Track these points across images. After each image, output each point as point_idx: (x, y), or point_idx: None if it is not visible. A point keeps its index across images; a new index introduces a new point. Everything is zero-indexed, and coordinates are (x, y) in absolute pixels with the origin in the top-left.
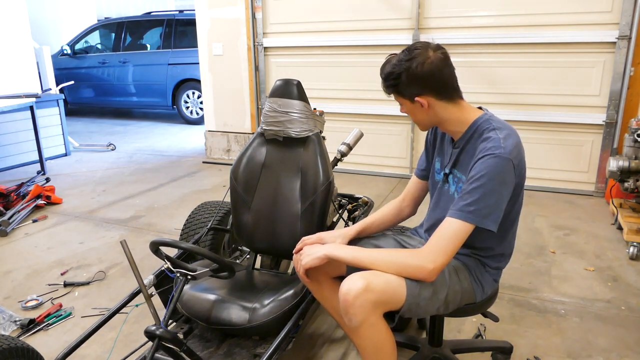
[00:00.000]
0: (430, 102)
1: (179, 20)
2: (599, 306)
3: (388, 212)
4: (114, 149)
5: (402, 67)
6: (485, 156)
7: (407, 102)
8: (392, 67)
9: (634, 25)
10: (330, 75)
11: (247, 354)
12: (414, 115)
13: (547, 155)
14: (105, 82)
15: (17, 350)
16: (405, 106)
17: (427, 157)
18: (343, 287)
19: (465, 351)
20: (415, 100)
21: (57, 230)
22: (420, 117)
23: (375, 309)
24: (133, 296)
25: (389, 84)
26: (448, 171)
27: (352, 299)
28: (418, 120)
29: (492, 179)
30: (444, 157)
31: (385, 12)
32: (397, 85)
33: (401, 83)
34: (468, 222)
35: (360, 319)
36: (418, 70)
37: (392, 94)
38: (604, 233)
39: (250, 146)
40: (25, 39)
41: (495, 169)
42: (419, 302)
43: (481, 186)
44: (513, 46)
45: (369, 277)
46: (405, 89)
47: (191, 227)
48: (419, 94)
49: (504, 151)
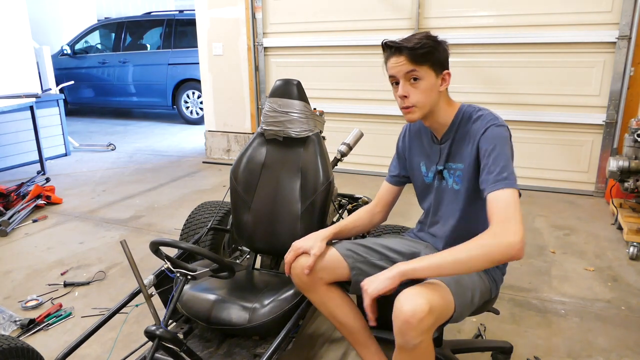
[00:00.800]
0: (448, 83)
1: (179, 20)
2: (599, 306)
3: (361, 217)
4: (114, 149)
5: (435, 40)
6: (489, 127)
7: (432, 75)
8: (424, 37)
9: (634, 25)
10: (330, 75)
11: (247, 354)
12: (429, 93)
13: (547, 155)
14: (105, 82)
15: (17, 350)
16: (427, 81)
17: (399, 164)
18: (404, 308)
19: (466, 351)
20: (440, 75)
21: (57, 230)
22: (432, 97)
23: (432, 329)
24: (133, 296)
25: (425, 50)
26: (442, 167)
27: (417, 323)
28: (426, 102)
29: (503, 144)
30: (429, 158)
31: (385, 12)
32: (432, 53)
33: (436, 53)
34: (512, 188)
35: (419, 341)
36: (447, 47)
37: (421, 64)
38: (604, 233)
39: (250, 146)
40: (25, 39)
41: (502, 136)
42: (463, 310)
43: (500, 154)
44: (513, 46)
45: (429, 296)
46: (438, 60)
47: (191, 227)
48: (447, 69)
49: (500, 121)
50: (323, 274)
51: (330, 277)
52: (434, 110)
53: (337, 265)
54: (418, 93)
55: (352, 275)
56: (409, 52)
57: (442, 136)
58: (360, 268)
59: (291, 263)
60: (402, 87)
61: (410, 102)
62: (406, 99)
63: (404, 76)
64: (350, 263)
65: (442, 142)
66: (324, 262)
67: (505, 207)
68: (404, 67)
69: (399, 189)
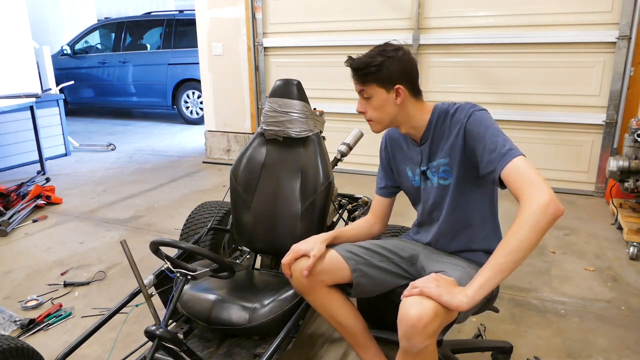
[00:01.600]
0: (405, 94)
1: (179, 20)
2: (599, 306)
3: (360, 226)
4: (114, 149)
5: (386, 55)
6: (472, 113)
7: (382, 92)
8: (371, 56)
9: (634, 25)
10: (330, 75)
11: (247, 354)
12: (382, 109)
13: (547, 155)
14: (105, 82)
15: (17, 350)
16: (377, 98)
17: (385, 175)
18: (410, 312)
19: (466, 351)
20: (392, 90)
21: (57, 230)
22: (387, 112)
23: (437, 333)
24: (133, 296)
25: (368, 71)
26: (425, 168)
27: (423, 327)
28: (382, 116)
29: (491, 124)
30: (412, 161)
31: (385, 12)
32: (377, 72)
33: (383, 70)
34: (520, 155)
35: (424, 345)
36: (403, 59)
37: (366, 83)
38: (604, 233)
39: (250, 146)
40: (25, 39)
41: (487, 117)
42: (467, 312)
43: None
44: (513, 46)
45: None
46: (386, 77)
47: (191, 227)
48: (398, 83)
49: (480, 107)
50: (324, 276)
51: (331, 279)
52: (401, 120)
53: (338, 268)
54: (371, 109)
55: (353, 277)
56: (354, 73)
57: (420, 138)
58: (361, 270)
59: (289, 264)
60: (359, 103)
61: (367, 117)
62: (364, 114)
63: (359, 93)
64: (351, 265)
65: (422, 144)
66: (324, 265)
67: (523, 175)
68: (356, 86)
69: (391, 199)
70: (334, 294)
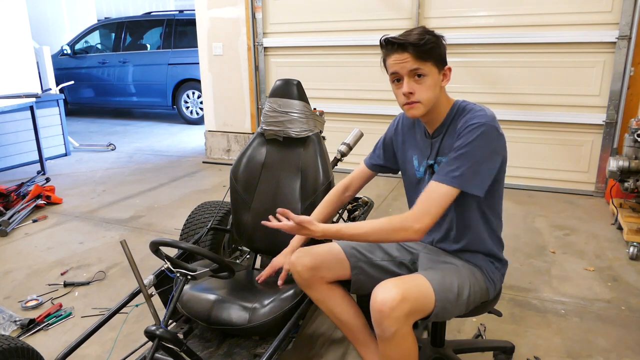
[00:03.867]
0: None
1: (179, 20)
2: (599, 306)
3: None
4: (114, 149)
5: (435, 35)
6: (470, 125)
7: (435, 71)
8: (424, 32)
9: (634, 25)
10: (330, 75)
11: (247, 354)
12: (434, 89)
13: (547, 155)
14: (105, 82)
15: (17, 350)
16: (431, 77)
17: (384, 154)
18: (377, 298)
19: (468, 351)
20: (442, 70)
21: (57, 230)
22: (436, 93)
23: (408, 319)
24: (133, 296)
25: (429, 46)
26: (432, 161)
27: (389, 311)
28: (431, 98)
29: (480, 145)
30: (421, 152)
31: (385, 12)
32: (435, 49)
33: (439, 48)
34: (453, 187)
35: (394, 330)
36: (444, 43)
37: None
38: (604, 233)
39: (250, 146)
40: (25, 39)
41: (481, 137)
42: (446, 306)
43: (467, 153)
44: (513, 46)
45: (403, 286)
46: (440, 56)
47: (191, 227)
48: (446, 62)
49: (486, 119)
50: (324, 272)
51: (331, 275)
52: (435, 105)
53: (339, 264)
54: (424, 90)
55: (352, 275)
56: (414, 49)
57: (434, 131)
58: (361, 267)
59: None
60: (407, 84)
61: (415, 98)
62: (412, 95)
63: (408, 73)
64: (352, 262)
65: (434, 137)
66: (326, 261)
67: (429, 198)
68: (408, 64)
69: (374, 174)
70: (335, 290)
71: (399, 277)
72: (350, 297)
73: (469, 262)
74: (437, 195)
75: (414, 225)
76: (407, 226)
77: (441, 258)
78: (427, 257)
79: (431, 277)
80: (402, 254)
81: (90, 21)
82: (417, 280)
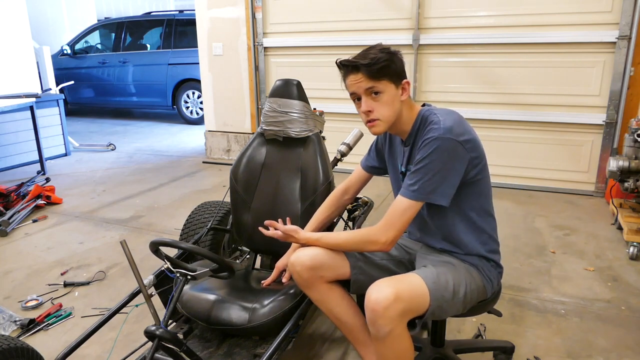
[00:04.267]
0: (408, 90)
1: (179, 20)
2: (599, 306)
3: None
4: (114, 149)
5: (389, 52)
6: (426, 139)
7: (392, 88)
8: (379, 51)
9: (634, 25)
10: (330, 75)
11: (247, 354)
12: (392, 105)
13: (547, 155)
14: (105, 82)
15: (17, 350)
16: (387, 94)
17: (377, 156)
18: (371, 297)
19: (468, 351)
20: (399, 85)
21: (57, 230)
22: (395, 108)
23: (402, 318)
24: (133, 296)
25: (381, 65)
26: (404, 169)
27: (382, 310)
28: (390, 114)
29: (435, 159)
30: (399, 158)
31: (385, 12)
32: (389, 66)
33: (393, 65)
34: (413, 200)
35: (389, 330)
36: (401, 57)
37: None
38: (604, 233)
39: (250, 146)
40: (25, 39)
41: (437, 150)
42: (441, 305)
43: (424, 167)
44: (513, 46)
45: (397, 285)
46: (395, 72)
47: (191, 227)
48: (404, 76)
49: (443, 132)
50: (324, 272)
51: (331, 275)
52: (398, 118)
53: (339, 264)
54: (381, 106)
55: (352, 274)
56: (366, 69)
57: (406, 139)
58: (361, 267)
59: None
60: (364, 102)
61: (374, 115)
62: (370, 113)
63: (364, 92)
64: (351, 262)
65: (406, 145)
66: (326, 260)
67: (394, 213)
68: (363, 84)
69: (371, 176)
70: (334, 290)
71: (393, 277)
72: (350, 297)
73: (465, 260)
74: (399, 209)
75: (380, 238)
76: (375, 239)
77: (437, 257)
78: (423, 256)
79: (425, 276)
80: (401, 253)
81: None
82: (412, 279)
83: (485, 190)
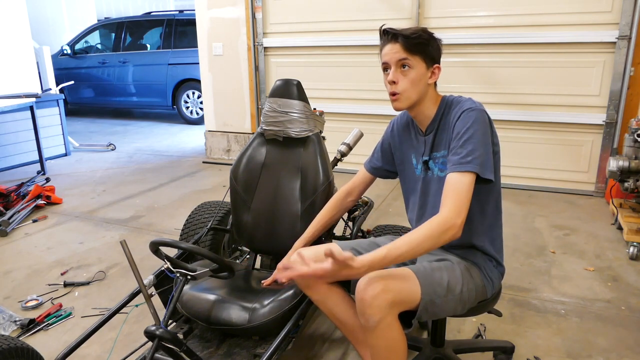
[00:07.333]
0: (437, 76)
1: (179, 20)
2: (599, 306)
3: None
4: (114, 149)
5: (431, 34)
6: (463, 112)
7: (423, 66)
8: (421, 30)
9: (634, 25)
10: (330, 75)
11: (247, 354)
12: (417, 84)
13: (547, 155)
14: (105, 82)
15: (17, 350)
16: (417, 71)
17: (382, 157)
18: (360, 288)
19: (468, 351)
20: (430, 68)
21: (57, 230)
22: (419, 88)
23: (392, 309)
24: (133, 296)
25: (419, 41)
26: (427, 157)
27: (370, 300)
28: (413, 92)
29: (477, 129)
30: (417, 150)
31: (385, 12)
32: (427, 45)
33: (431, 45)
34: (471, 172)
35: (377, 320)
36: (441, 45)
37: (414, 53)
38: (604, 233)
39: (250, 146)
40: (25, 39)
41: (477, 120)
42: (434, 300)
43: (470, 137)
44: (513, 46)
45: (386, 277)
46: (431, 53)
47: (191, 227)
48: (437, 63)
49: (477, 106)
50: None
51: None
52: (420, 102)
53: None
54: (406, 81)
55: None
56: (404, 40)
57: (426, 128)
58: None
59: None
60: (392, 73)
61: (397, 88)
62: (394, 84)
63: (395, 63)
64: None
65: (427, 134)
66: None
67: (457, 191)
68: (396, 55)
69: (374, 178)
70: (334, 291)
71: (384, 270)
72: (350, 297)
73: (466, 259)
74: (461, 185)
75: (456, 221)
76: (451, 224)
77: (436, 255)
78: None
79: (418, 270)
80: None
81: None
82: (403, 272)
83: (499, 184)
